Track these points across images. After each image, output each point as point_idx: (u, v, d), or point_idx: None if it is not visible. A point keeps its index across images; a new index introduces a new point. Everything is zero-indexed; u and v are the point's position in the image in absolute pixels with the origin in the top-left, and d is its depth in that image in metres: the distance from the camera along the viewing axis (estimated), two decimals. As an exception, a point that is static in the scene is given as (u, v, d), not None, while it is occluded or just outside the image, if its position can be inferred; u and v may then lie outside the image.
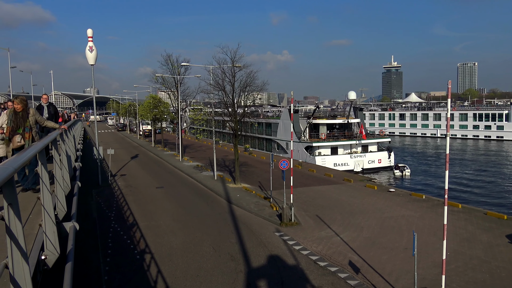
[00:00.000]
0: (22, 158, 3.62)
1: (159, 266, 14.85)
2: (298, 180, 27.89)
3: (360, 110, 55.82)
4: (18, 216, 2.85)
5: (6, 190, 2.78)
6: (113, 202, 25.04)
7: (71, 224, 5.69)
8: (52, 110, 13.78)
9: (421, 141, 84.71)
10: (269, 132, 55.05)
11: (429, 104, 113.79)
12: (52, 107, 13.96)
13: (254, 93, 31.06)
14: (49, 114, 13.52)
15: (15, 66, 59.71)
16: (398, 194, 26.70)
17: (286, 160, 22.41)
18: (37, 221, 4.81)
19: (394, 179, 43.74)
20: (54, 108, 14.14)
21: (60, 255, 4.61)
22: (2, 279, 2.68)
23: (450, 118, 11.28)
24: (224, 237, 18.15)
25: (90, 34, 27.63)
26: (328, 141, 48.24)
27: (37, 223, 4.82)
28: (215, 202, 25.38)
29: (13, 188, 2.86)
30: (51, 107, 13.90)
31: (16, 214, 2.83)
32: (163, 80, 47.10)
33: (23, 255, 2.83)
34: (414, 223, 19.77)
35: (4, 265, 2.68)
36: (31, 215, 5.11)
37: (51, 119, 13.03)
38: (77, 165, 12.52)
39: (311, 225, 19.98)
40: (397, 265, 14.81)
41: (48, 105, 13.87)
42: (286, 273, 14.29)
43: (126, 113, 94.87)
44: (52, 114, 13.63)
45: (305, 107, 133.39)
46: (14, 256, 2.80)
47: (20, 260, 2.83)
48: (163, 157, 46.74)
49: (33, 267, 3.73)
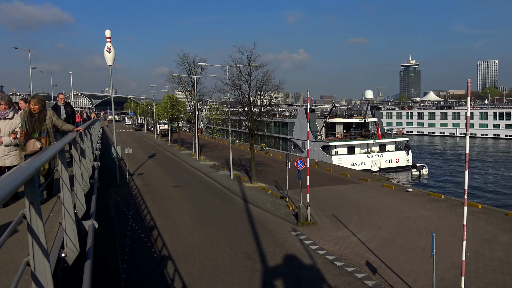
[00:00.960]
0: (43, 158, 3.69)
1: (176, 264, 14.96)
2: (314, 179, 27.78)
3: (377, 109, 55.30)
4: (39, 214, 2.90)
5: (27, 189, 2.84)
6: (131, 200, 25.32)
7: (90, 223, 5.77)
8: (69, 110, 13.33)
9: (439, 141, 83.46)
10: (285, 131, 54.95)
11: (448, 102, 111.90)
12: (69, 107, 13.50)
13: (270, 92, 31.03)
14: (67, 114, 13.07)
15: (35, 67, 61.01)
16: (416, 194, 26.36)
17: (303, 159, 22.34)
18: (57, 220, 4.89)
19: (412, 178, 43.20)
20: (71, 108, 13.66)
21: (79, 253, 4.68)
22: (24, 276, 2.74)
23: (469, 117, 11.09)
24: (241, 236, 18.19)
25: (108, 35, 27.96)
26: (344, 140, 47.92)
27: (57, 222, 4.91)
28: (231, 201, 25.45)
29: (35, 187, 2.92)
30: (68, 107, 13.43)
31: (37, 212, 2.88)
32: (180, 80, 47.37)
33: (44, 252, 2.89)
34: (433, 224, 19.50)
35: (26, 262, 2.74)
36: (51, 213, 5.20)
37: (68, 119, 12.78)
38: (96, 164, 12.68)
39: (327, 225, 19.88)
40: (415, 265, 14.63)
41: (65, 105, 13.40)
42: (303, 273, 14.25)
43: (144, 112, 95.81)
44: (69, 114, 13.19)
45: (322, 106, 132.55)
46: (36, 254, 2.86)
47: (41, 258, 2.89)
48: (180, 156, 47.07)
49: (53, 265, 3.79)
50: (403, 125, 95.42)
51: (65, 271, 4.48)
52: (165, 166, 40.83)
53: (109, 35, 28.03)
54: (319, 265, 14.87)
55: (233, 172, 32.93)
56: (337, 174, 34.63)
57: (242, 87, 29.32)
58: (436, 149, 69.87)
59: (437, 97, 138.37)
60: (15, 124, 7.31)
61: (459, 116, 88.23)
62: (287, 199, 24.29)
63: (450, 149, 68.40)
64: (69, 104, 13.75)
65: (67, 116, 12.97)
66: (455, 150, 66.28)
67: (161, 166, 40.63)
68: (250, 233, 18.65)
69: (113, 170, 30.55)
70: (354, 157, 46.02)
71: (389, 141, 49.59)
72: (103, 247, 16.29)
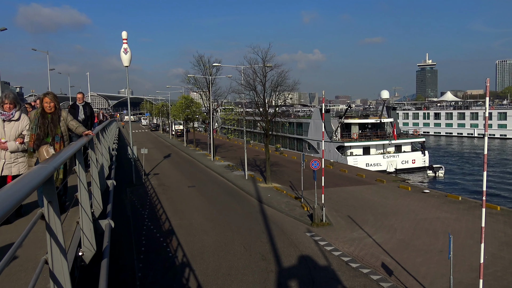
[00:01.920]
0: (61, 158, 3.74)
1: (191, 264, 15.04)
2: (329, 180, 27.63)
3: (393, 109, 54.75)
4: (57, 213, 2.94)
5: (46, 189, 2.88)
6: (147, 200, 25.55)
7: (107, 222, 5.84)
8: (88, 111, 12.42)
9: (457, 141, 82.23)
10: (300, 132, 54.79)
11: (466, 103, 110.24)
12: (88, 108, 12.56)
13: (285, 92, 30.99)
14: (85, 115, 12.24)
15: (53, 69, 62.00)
16: (433, 195, 26.02)
17: (318, 160, 22.24)
18: (75, 219, 4.96)
19: (429, 180, 42.65)
20: (90, 109, 12.71)
21: (96, 251, 4.74)
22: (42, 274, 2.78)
23: (488, 117, 10.91)
24: (255, 237, 18.20)
25: (124, 36, 28.26)
26: (360, 141, 47.56)
27: (74, 221, 4.97)
28: (246, 201, 25.48)
29: (53, 186, 2.96)
30: (87, 107, 12.49)
31: (56, 211, 2.92)
32: (195, 81, 47.60)
33: (61, 251, 2.93)
34: (450, 225, 19.22)
35: (44, 260, 2.78)
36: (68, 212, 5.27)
37: (86, 121, 12.07)
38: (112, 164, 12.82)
39: (342, 226, 19.76)
40: (431, 268, 14.44)
41: (84, 105, 12.46)
42: (317, 274, 14.19)
43: (159, 113, 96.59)
44: (87, 116, 12.32)
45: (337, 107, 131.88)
46: (54, 252, 2.90)
47: (59, 256, 2.93)
48: (195, 156, 47.31)
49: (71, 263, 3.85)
50: (420, 126, 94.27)
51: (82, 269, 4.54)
52: (180, 166, 41.08)
53: (126, 37, 28.34)
54: (334, 266, 14.78)
55: (247, 172, 32.97)
56: (352, 175, 34.40)
57: (257, 88, 29.36)
58: (453, 150, 68.87)
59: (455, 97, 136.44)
60: (21, 126, 6.27)
61: (477, 117, 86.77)
62: (301, 200, 24.21)
63: (468, 150, 67.31)
64: (88, 105, 12.83)
65: (85, 118, 12.13)
66: (473, 151, 65.21)
67: (176, 166, 40.90)
68: (265, 234, 18.65)
69: (129, 170, 30.86)
70: (369, 158, 45.65)
71: (405, 142, 49.06)
72: (119, 246, 16.47)
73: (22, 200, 2.30)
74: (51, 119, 6.16)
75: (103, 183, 8.69)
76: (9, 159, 6.11)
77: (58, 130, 6.17)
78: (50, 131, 6.10)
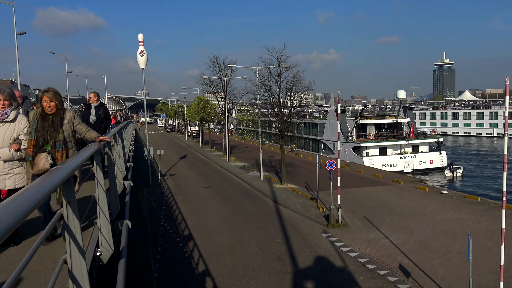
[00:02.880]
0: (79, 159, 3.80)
1: (207, 264, 15.10)
2: (345, 181, 27.44)
3: (410, 109, 54.12)
4: (76, 214, 2.99)
5: (65, 189, 2.93)
6: (163, 201, 25.74)
7: (124, 222, 5.90)
8: (102, 113, 11.03)
9: (475, 141, 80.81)
10: (315, 132, 54.56)
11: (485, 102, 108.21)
12: (103, 110, 11.20)
13: (300, 93, 30.92)
14: (97, 117, 10.88)
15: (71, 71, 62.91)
16: (451, 196, 25.64)
17: (333, 160, 22.12)
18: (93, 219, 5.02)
19: (447, 180, 42.02)
20: (105, 111, 11.30)
21: (114, 251, 4.79)
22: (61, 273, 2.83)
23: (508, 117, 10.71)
24: (271, 237, 18.18)
25: (141, 38, 28.55)
26: (376, 141, 47.12)
27: (92, 221, 5.04)
28: (261, 202, 25.48)
29: (72, 187, 3.01)
30: (101, 109, 11.13)
31: (74, 212, 2.97)
32: (210, 82, 47.86)
33: (80, 251, 2.97)
34: (469, 227, 18.91)
35: (63, 260, 2.83)
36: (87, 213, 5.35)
37: (98, 124, 10.76)
38: (129, 165, 12.95)
39: (359, 227, 19.61)
40: (450, 270, 14.22)
41: (98, 107, 11.12)
42: (334, 275, 14.10)
43: (175, 114, 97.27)
44: (101, 118, 10.93)
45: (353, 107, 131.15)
46: (72, 252, 2.94)
47: (78, 256, 2.98)
48: (211, 157, 47.50)
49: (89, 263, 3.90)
50: (437, 126, 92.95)
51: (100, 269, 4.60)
52: (196, 167, 41.29)
53: (142, 39, 28.62)
54: (350, 267, 14.68)
55: (263, 173, 32.97)
56: (368, 176, 34.11)
57: (272, 88, 29.36)
58: (472, 150, 67.72)
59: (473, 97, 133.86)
60: (18, 129, 5.20)
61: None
62: (317, 201, 24.10)
63: (487, 150, 66.12)
64: (103, 106, 11.48)
65: (97, 120, 10.82)
66: (492, 151, 64.03)
67: (192, 167, 41.12)
68: (281, 234, 18.62)
69: (145, 171, 31.15)
70: (386, 158, 45.20)
71: (423, 142, 48.45)
72: (136, 246, 16.63)
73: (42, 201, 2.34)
74: (53, 121, 5.09)
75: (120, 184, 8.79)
76: (2, 170, 5.05)
77: (59, 136, 5.08)
78: (50, 136, 5.02)
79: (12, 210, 1.83)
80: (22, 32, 32.18)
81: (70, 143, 5.25)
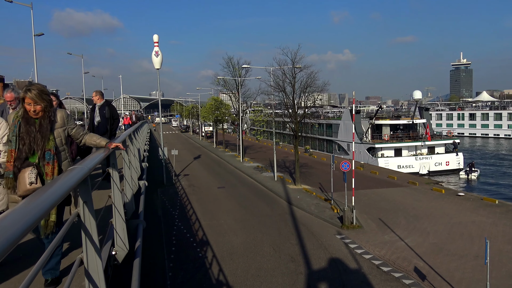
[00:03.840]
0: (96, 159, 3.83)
1: (220, 264, 15.13)
2: (359, 182, 27.25)
3: (426, 110, 53.50)
4: (92, 213, 3.02)
5: (81, 189, 2.96)
6: (177, 201, 25.89)
7: (139, 222, 5.95)
8: (107, 112, 9.96)
9: (493, 143, 79.48)
10: (329, 133, 54.30)
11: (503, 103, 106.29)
12: (108, 109, 10.06)
13: (314, 94, 30.80)
14: (102, 117, 9.81)
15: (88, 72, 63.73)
16: (468, 198, 25.26)
17: (348, 161, 21.98)
18: (108, 219, 5.07)
19: (464, 182, 41.41)
20: (111, 110, 10.17)
21: (129, 251, 4.83)
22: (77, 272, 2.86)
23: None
24: (284, 238, 18.14)
25: (156, 39, 28.76)
26: (391, 142, 46.70)
27: (108, 220, 5.09)
28: (275, 203, 25.44)
29: (88, 187, 3.05)
30: (106, 108, 10.04)
31: (91, 211, 3.00)
32: (225, 82, 47.99)
33: (96, 250, 3.00)
34: (486, 230, 18.60)
35: (79, 259, 2.86)
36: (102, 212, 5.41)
37: (104, 125, 9.86)
38: (144, 165, 13.05)
39: (373, 229, 19.44)
40: (467, 273, 14.01)
41: (102, 106, 10.01)
42: (347, 277, 14.00)
43: (189, 114, 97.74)
44: (106, 118, 9.89)
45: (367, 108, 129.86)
46: (88, 251, 2.98)
47: (94, 255, 3.01)
48: (224, 158, 47.62)
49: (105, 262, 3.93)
50: (454, 127, 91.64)
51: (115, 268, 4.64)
52: (210, 167, 41.44)
53: (157, 40, 28.82)
54: (364, 269, 14.56)
55: (277, 174, 32.93)
56: (383, 177, 33.81)
57: (286, 89, 29.31)
58: (489, 151, 66.64)
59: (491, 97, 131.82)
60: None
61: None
62: (331, 202, 23.97)
63: (505, 152, 64.97)
64: (108, 105, 10.25)
65: (102, 121, 9.81)
66: (510, 153, 62.90)
67: (206, 167, 41.28)
68: (294, 235, 18.57)
69: (160, 171, 31.36)
70: (401, 160, 44.75)
71: (439, 143, 47.85)
72: (150, 245, 16.75)
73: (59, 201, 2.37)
74: (39, 125, 3.94)
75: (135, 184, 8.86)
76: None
77: (50, 144, 3.95)
78: (37, 145, 3.89)
79: (35, 206, 1.88)
80: (40, 34, 32.71)
81: (63, 153, 4.14)
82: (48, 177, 3.88)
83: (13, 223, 1.67)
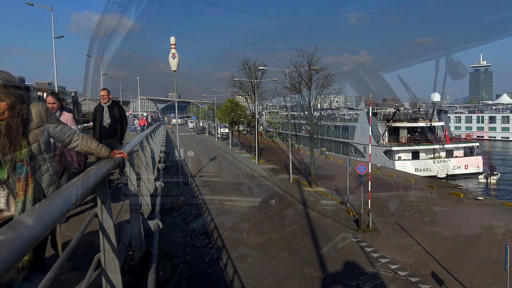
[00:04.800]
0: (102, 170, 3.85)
1: (235, 266, 15.14)
2: (376, 185, 26.95)
3: (445, 112, 52.72)
4: (110, 213, 3.05)
5: (100, 189, 2.99)
6: (192, 201, 25.98)
7: (155, 222, 5.98)
8: (116, 113, 8.82)
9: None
10: (346, 135, 53.92)
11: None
12: (117, 109, 8.91)
13: (331, 95, 30.66)
14: (112, 119, 8.72)
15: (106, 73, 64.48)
16: (487, 203, 24.79)
17: (364, 164, 21.80)
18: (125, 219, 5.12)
19: (483, 186, 40.63)
20: (120, 110, 9.04)
21: (145, 251, 4.86)
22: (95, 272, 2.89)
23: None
24: (300, 241, 18.06)
25: (173, 41, 28.94)
26: (409, 145, 46.11)
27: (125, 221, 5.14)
28: (290, 205, 25.35)
29: (106, 187, 3.07)
30: (115, 108, 8.85)
31: (108, 211, 3.03)
32: (241, 84, 48.10)
33: (113, 250, 3.02)
34: (507, 235, 18.22)
35: (97, 259, 2.89)
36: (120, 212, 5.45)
37: (115, 127, 8.81)
38: (161, 166, 13.14)
39: (390, 232, 19.22)
40: (485, 279, 13.74)
41: (111, 106, 8.81)
42: (363, 281, 13.86)
43: (205, 116, 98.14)
44: (116, 119, 8.80)
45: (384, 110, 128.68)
46: (106, 251, 3.00)
47: (111, 255, 3.03)
48: (240, 159, 47.67)
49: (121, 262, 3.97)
50: (473, 130, 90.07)
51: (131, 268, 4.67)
52: (225, 168, 41.52)
53: (174, 42, 29.00)
54: (381, 273, 14.40)
55: (292, 176, 32.83)
56: (400, 180, 33.39)
57: (302, 91, 29.25)
58: (510, 155, 65.30)
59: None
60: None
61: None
62: (347, 205, 23.79)
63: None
64: (117, 104, 9.14)
65: (112, 122, 8.73)
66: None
67: (221, 168, 41.37)
68: (309, 238, 18.47)
69: (176, 171, 31.53)
70: (419, 163, 44.15)
71: (458, 146, 47.08)
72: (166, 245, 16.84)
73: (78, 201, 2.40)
74: (7, 128, 2.90)
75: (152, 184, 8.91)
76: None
77: (22, 153, 2.92)
78: (3, 153, 2.86)
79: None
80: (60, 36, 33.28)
81: (43, 163, 3.09)
82: (19, 198, 2.85)
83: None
